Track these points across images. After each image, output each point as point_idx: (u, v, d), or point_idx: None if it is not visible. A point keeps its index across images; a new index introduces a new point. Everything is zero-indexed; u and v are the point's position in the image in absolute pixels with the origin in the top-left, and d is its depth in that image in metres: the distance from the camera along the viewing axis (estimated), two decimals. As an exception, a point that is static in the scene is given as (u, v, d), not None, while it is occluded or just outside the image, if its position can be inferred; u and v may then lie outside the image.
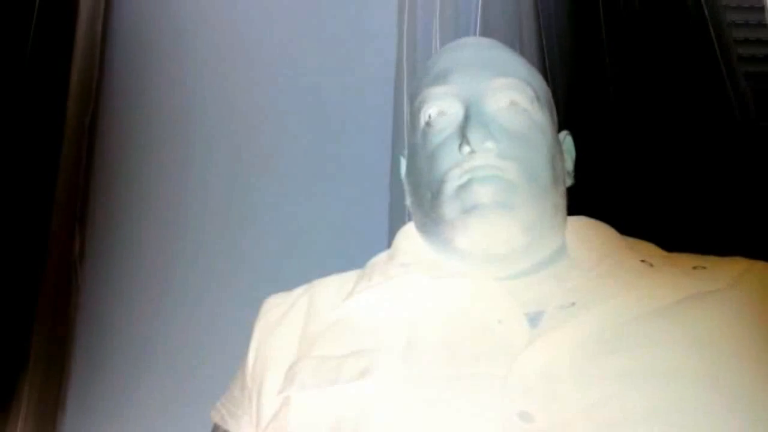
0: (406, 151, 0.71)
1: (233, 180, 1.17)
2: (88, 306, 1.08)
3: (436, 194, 0.60)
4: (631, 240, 0.65)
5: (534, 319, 0.52)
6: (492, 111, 0.61)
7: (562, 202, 0.63)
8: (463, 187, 0.58)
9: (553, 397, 0.46)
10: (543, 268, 0.61)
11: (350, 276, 0.67)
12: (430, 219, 0.61)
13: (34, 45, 1.06)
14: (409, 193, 0.68)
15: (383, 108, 1.14)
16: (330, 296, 0.64)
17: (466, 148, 0.58)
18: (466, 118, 0.59)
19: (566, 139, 0.71)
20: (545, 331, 0.50)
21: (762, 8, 1.19)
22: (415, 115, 0.66)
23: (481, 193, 0.57)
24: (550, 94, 0.69)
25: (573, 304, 0.53)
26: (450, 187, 0.59)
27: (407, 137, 0.72)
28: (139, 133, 1.18)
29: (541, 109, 0.64)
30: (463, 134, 0.58)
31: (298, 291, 0.68)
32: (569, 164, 0.69)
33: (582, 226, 0.67)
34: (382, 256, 0.68)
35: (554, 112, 0.69)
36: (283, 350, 0.61)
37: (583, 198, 0.76)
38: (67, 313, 1.03)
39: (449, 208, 0.59)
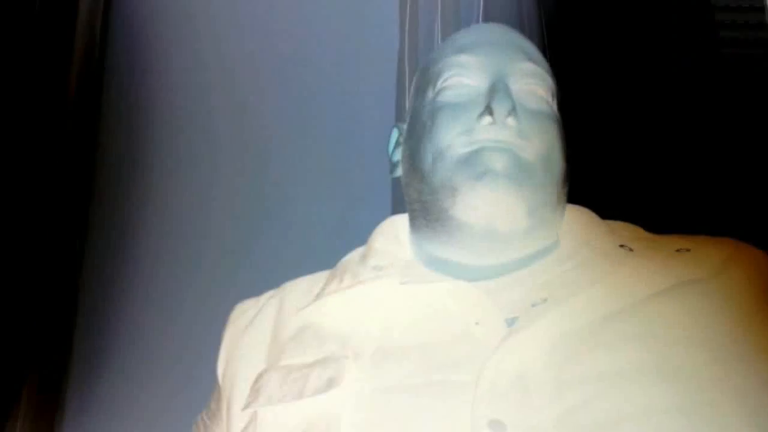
0: (405, 126, 0.67)
1: (233, 179, 1.16)
2: (88, 306, 1.08)
3: (439, 157, 0.56)
4: (613, 224, 0.62)
5: (513, 321, 0.49)
6: (516, 90, 0.58)
7: (563, 199, 0.61)
8: (474, 153, 0.55)
9: (526, 402, 0.43)
10: (525, 265, 0.57)
11: (321, 276, 0.64)
12: (427, 185, 0.57)
13: (34, 45, 1.06)
14: (404, 160, 0.64)
15: (385, 106, 1.14)
16: (299, 298, 0.61)
17: (488, 119, 0.55)
18: (493, 89, 0.56)
19: None
20: (516, 330, 0.47)
21: (762, 8, 1.20)
22: (430, 80, 0.62)
23: (494, 159, 0.54)
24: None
25: (545, 300, 0.49)
26: (456, 152, 0.56)
27: (409, 105, 0.67)
28: (139, 133, 1.18)
29: (555, 103, 0.62)
30: (487, 104, 0.55)
31: (267, 295, 0.66)
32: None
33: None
34: (354, 256, 0.64)
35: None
36: (252, 359, 0.58)
37: (583, 196, 0.76)
38: (67, 313, 1.03)
39: (455, 172, 0.55)
